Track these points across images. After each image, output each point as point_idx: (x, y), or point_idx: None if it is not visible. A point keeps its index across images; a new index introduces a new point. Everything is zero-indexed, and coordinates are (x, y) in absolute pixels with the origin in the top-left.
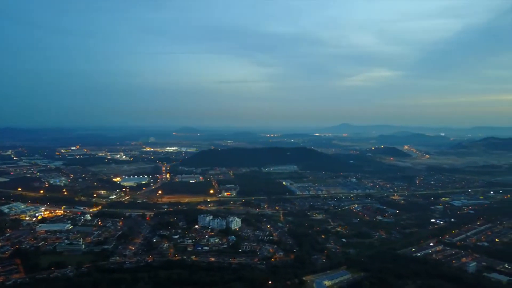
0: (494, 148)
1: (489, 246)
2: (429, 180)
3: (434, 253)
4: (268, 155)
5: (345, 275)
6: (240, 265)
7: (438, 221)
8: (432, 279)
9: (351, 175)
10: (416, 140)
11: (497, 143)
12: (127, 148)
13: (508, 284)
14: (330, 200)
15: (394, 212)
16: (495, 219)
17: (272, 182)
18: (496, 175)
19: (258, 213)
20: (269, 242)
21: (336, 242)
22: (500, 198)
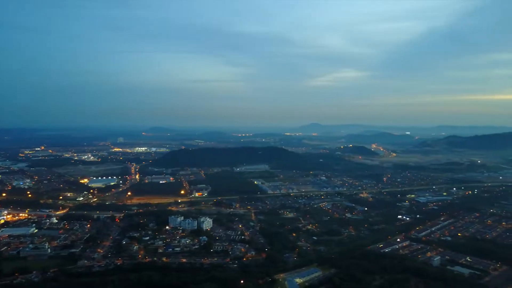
0: (455, 146)
1: (452, 240)
2: (395, 178)
3: (401, 249)
4: (239, 155)
5: (316, 272)
6: (212, 265)
7: (404, 218)
8: (399, 273)
9: (321, 174)
10: (383, 138)
11: (459, 141)
12: (95, 148)
13: (470, 276)
14: (300, 199)
15: (363, 210)
16: (457, 214)
17: (243, 182)
18: (458, 172)
19: (229, 213)
20: (241, 241)
21: (307, 240)
22: (462, 194)
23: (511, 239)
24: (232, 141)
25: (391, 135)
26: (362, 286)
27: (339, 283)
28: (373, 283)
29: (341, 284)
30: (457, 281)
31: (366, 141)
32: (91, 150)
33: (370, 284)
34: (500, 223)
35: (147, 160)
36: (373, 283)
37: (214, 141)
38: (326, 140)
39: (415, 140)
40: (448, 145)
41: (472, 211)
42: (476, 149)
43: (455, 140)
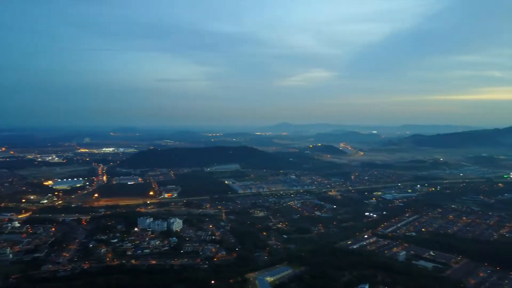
0: (419, 145)
1: (416, 236)
2: (363, 176)
3: (368, 245)
4: (210, 155)
5: (287, 270)
6: (182, 267)
7: (371, 214)
8: (367, 269)
9: (291, 173)
10: (351, 138)
11: (423, 140)
12: (60, 149)
13: (433, 269)
14: (271, 198)
15: (332, 207)
16: (421, 211)
17: (214, 182)
18: (422, 169)
19: (200, 213)
20: (212, 241)
21: (278, 238)
22: (425, 191)
23: (471, 233)
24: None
25: (359, 134)
26: (331, 282)
27: (309, 280)
28: (342, 279)
29: (311, 281)
30: (421, 274)
31: (334, 140)
32: (55, 151)
33: (339, 280)
34: (461, 218)
35: (115, 160)
36: (342, 279)
37: (184, 141)
38: (296, 139)
39: (382, 139)
40: (412, 144)
41: (435, 207)
42: (439, 147)
43: (419, 139)
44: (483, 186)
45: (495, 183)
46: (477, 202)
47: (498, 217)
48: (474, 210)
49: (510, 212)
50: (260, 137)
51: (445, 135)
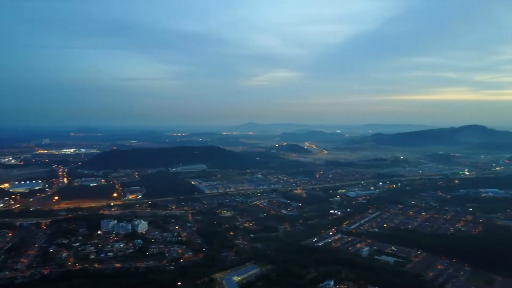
0: (381, 143)
1: (379, 232)
2: (327, 174)
3: (333, 242)
4: (175, 155)
5: (254, 269)
6: (148, 269)
7: (336, 212)
8: (332, 265)
9: (258, 172)
10: (316, 137)
11: (384, 138)
12: (17, 151)
13: (394, 264)
14: (238, 197)
15: (298, 205)
16: (383, 207)
17: (180, 182)
18: (384, 167)
19: (166, 215)
20: (178, 243)
21: (245, 237)
22: (387, 188)
23: (429, 228)
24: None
25: (323, 133)
26: (297, 280)
27: (276, 278)
28: (308, 277)
29: (278, 280)
30: (384, 269)
31: (300, 140)
32: (12, 152)
33: (305, 278)
34: (420, 214)
35: (76, 162)
36: (308, 277)
37: (148, 141)
38: (262, 139)
39: (345, 138)
40: (374, 142)
41: (396, 203)
42: (399, 146)
43: (380, 138)
44: (440, 183)
45: (451, 180)
46: (435, 198)
47: (454, 212)
48: (432, 206)
49: (465, 207)
50: (226, 136)
51: (405, 134)
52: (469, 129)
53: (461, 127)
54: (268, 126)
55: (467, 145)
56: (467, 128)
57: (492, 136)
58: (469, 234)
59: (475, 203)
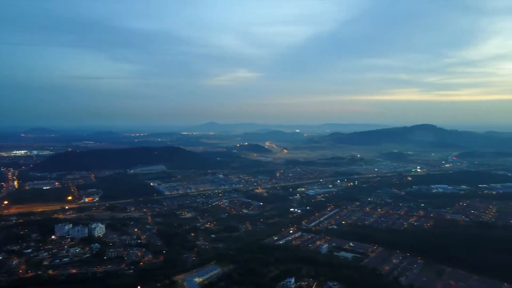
0: (339, 142)
1: (337, 228)
2: (288, 173)
3: (293, 240)
4: (134, 156)
5: (215, 270)
6: (106, 273)
7: (296, 210)
8: (293, 263)
9: (219, 172)
10: (276, 136)
11: (341, 137)
12: None
13: (352, 259)
14: (199, 198)
15: (259, 205)
16: (341, 204)
17: (139, 184)
18: (341, 165)
19: (124, 217)
20: (137, 245)
21: (206, 238)
22: (345, 186)
23: (385, 223)
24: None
25: (283, 133)
26: (259, 278)
27: (238, 278)
28: (269, 275)
29: (240, 279)
30: (342, 265)
31: (260, 139)
32: None
33: (266, 276)
34: (376, 210)
35: (27, 164)
36: (269, 275)
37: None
38: (223, 138)
39: (304, 137)
40: (332, 141)
41: (354, 200)
42: (356, 144)
43: (338, 137)
44: (394, 180)
45: (404, 177)
46: (390, 194)
47: (407, 208)
48: (387, 202)
49: (417, 203)
50: (187, 137)
51: (361, 133)
52: (420, 128)
53: (413, 126)
54: (229, 126)
55: (419, 143)
56: (418, 127)
57: (441, 135)
58: (422, 229)
59: (426, 198)
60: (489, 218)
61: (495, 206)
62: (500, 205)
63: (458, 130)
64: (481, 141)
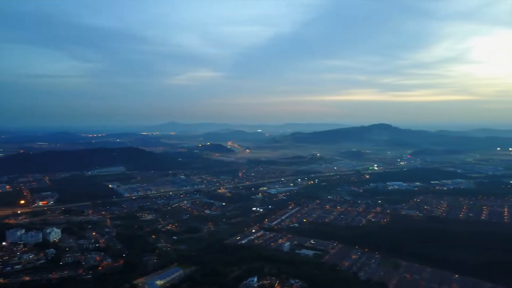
0: (299, 142)
1: (299, 226)
2: (250, 173)
3: (256, 239)
4: (91, 157)
5: (177, 272)
6: (62, 280)
7: (258, 209)
8: (255, 262)
9: (180, 173)
10: (238, 136)
11: (302, 137)
12: None
13: (314, 256)
14: (159, 199)
15: (221, 205)
16: (302, 203)
17: (97, 186)
18: (302, 164)
19: (81, 221)
20: (96, 249)
21: (167, 240)
22: (305, 184)
23: (344, 220)
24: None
25: (245, 132)
26: (221, 278)
27: (200, 279)
28: (232, 275)
29: (202, 280)
30: (304, 262)
31: (222, 139)
32: None
33: (229, 276)
34: (336, 208)
35: None
36: (232, 275)
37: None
38: (185, 139)
39: (266, 137)
40: (293, 141)
41: (314, 198)
42: (316, 144)
43: (299, 136)
44: (353, 178)
45: (362, 175)
46: (348, 192)
47: (365, 205)
48: (346, 200)
49: (375, 200)
50: (146, 137)
51: (321, 133)
52: (377, 128)
53: (370, 126)
54: (190, 126)
55: (376, 142)
56: (375, 127)
57: (396, 134)
58: (379, 225)
59: (383, 195)
60: (440, 213)
61: (446, 201)
62: (451, 200)
63: (412, 129)
64: (433, 139)
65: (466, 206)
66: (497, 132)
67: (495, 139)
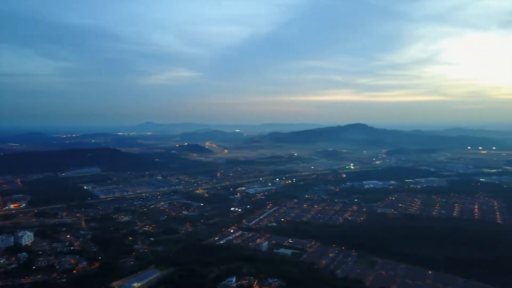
0: (278, 141)
1: (277, 226)
2: (228, 173)
3: (234, 239)
4: (65, 158)
5: (155, 274)
6: (35, 284)
7: (237, 209)
8: (234, 262)
9: (157, 173)
10: (216, 136)
11: (280, 137)
12: None
13: (292, 255)
14: (136, 201)
15: (199, 205)
16: (280, 202)
17: (71, 188)
18: (280, 164)
19: (55, 223)
20: (70, 252)
21: (144, 242)
22: (283, 184)
23: (321, 219)
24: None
25: (223, 132)
26: (200, 279)
27: (178, 280)
28: (210, 275)
29: (180, 281)
30: (282, 261)
31: (200, 139)
32: None
33: (207, 277)
34: (313, 206)
35: None
36: (211, 275)
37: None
38: (162, 139)
39: (244, 137)
40: (271, 141)
41: (292, 198)
42: (293, 143)
43: (277, 136)
44: (330, 177)
45: (339, 174)
46: (325, 191)
47: (342, 203)
48: (323, 199)
49: (351, 198)
50: (122, 137)
51: (299, 132)
52: (353, 127)
53: (346, 126)
54: (167, 126)
55: (352, 141)
56: (351, 127)
57: (372, 134)
58: (355, 223)
59: (359, 194)
60: (414, 211)
61: (420, 199)
62: (424, 198)
63: (387, 129)
64: (407, 139)
65: (439, 203)
66: (467, 132)
67: (466, 138)
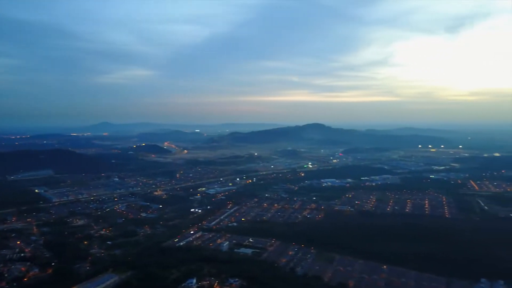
0: (237, 141)
1: (237, 225)
2: (188, 173)
3: (194, 240)
4: (14, 160)
5: (112, 278)
6: None
7: (197, 210)
8: (194, 263)
9: (114, 175)
10: (175, 136)
11: (240, 136)
12: None
13: (252, 254)
14: (92, 203)
15: (158, 207)
16: (241, 202)
17: (21, 191)
18: (240, 164)
19: (3, 229)
20: (21, 260)
21: (101, 245)
22: (244, 183)
23: (281, 217)
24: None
25: (183, 132)
26: (160, 282)
27: (137, 283)
28: (170, 277)
29: (139, 285)
30: (243, 260)
31: (159, 140)
32: None
33: (167, 279)
34: (273, 205)
35: None
36: (171, 277)
37: None
38: (118, 139)
39: (204, 137)
40: (231, 141)
41: (252, 197)
42: (253, 143)
43: (237, 136)
44: (289, 176)
45: (298, 172)
46: (285, 189)
47: (301, 202)
48: (283, 197)
49: (310, 196)
50: (77, 138)
51: (258, 132)
52: (311, 127)
53: (304, 125)
54: (124, 126)
55: (310, 141)
56: (309, 126)
57: (329, 133)
58: (314, 221)
59: (317, 192)
60: (370, 207)
61: (375, 196)
62: (379, 195)
63: (343, 129)
64: (362, 138)
65: (393, 200)
66: (418, 131)
67: (417, 137)
